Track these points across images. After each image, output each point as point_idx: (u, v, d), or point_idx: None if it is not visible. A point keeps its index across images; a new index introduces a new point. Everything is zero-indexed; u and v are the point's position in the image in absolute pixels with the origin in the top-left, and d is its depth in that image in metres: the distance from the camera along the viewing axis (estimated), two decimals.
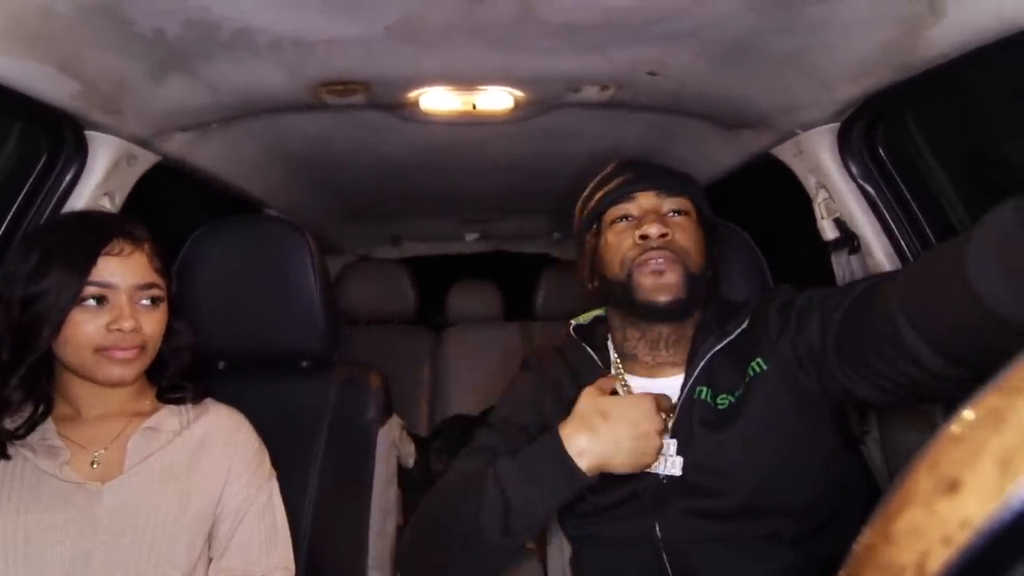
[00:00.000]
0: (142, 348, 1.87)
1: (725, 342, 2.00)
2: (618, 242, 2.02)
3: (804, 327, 1.85)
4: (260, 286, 2.43)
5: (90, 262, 1.78)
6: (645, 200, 2.02)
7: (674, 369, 2.07)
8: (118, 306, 1.81)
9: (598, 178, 2.19)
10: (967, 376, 1.42)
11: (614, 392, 1.96)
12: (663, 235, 1.94)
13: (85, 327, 1.77)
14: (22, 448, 1.79)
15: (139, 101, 2.29)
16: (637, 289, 1.97)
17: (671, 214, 2.02)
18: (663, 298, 1.95)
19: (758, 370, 1.92)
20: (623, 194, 2.05)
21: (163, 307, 1.95)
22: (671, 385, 2.01)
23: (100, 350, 1.79)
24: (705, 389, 1.97)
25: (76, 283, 1.76)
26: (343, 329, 2.63)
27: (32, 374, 1.82)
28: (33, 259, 1.78)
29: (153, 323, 1.90)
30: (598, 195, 2.11)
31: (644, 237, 1.96)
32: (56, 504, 1.74)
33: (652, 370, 2.09)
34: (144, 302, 1.88)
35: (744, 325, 2.02)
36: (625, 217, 2.04)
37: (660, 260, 1.94)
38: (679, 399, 1.97)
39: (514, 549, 1.77)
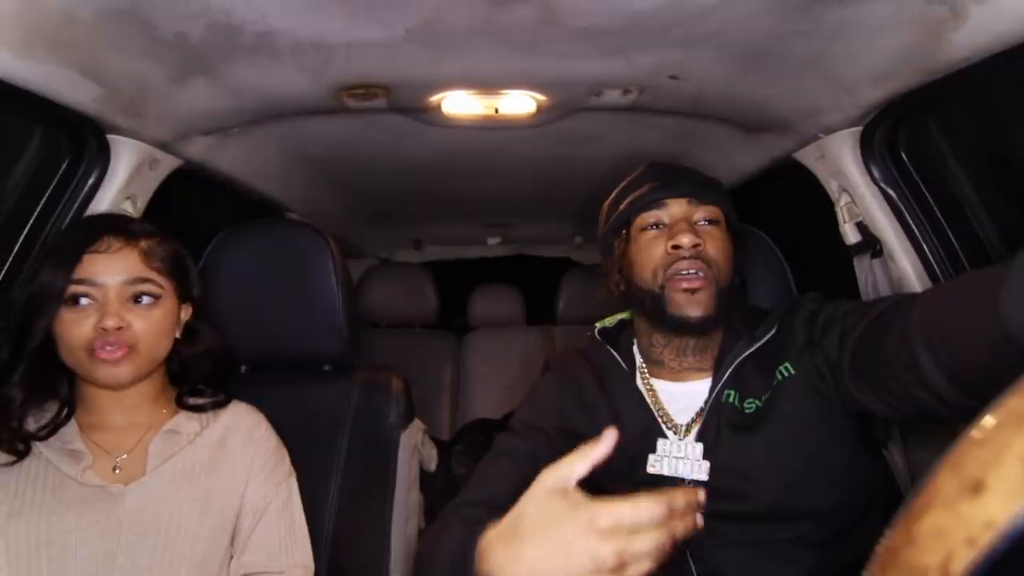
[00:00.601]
0: (132, 347, 1.83)
1: (754, 347, 1.98)
2: (649, 251, 2.00)
3: (825, 337, 1.86)
4: (282, 290, 2.44)
5: (75, 260, 1.78)
6: (676, 208, 2.00)
7: (700, 374, 2.05)
8: (104, 304, 1.80)
9: (626, 181, 2.16)
10: (978, 408, 1.39)
11: (604, 488, 1.51)
12: (696, 245, 1.92)
13: (75, 327, 1.77)
14: (45, 451, 1.79)
15: (161, 105, 2.31)
16: (669, 304, 1.96)
17: (702, 223, 2.00)
18: (695, 314, 1.93)
19: (785, 375, 1.91)
20: (654, 200, 2.02)
21: (163, 306, 1.92)
22: (698, 390, 2.02)
23: (90, 350, 1.78)
24: (733, 393, 1.95)
25: (61, 281, 1.76)
26: (365, 333, 2.64)
27: (32, 372, 1.82)
28: (37, 261, 1.81)
29: (146, 322, 1.86)
30: (628, 199, 2.07)
31: (676, 247, 1.94)
32: (79, 507, 1.75)
33: (678, 374, 2.08)
34: (136, 300, 1.86)
35: (773, 331, 2.00)
36: (656, 225, 2.02)
37: (693, 270, 1.92)
38: (706, 403, 1.97)
39: None
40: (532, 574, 1.27)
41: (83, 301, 1.78)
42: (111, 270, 1.81)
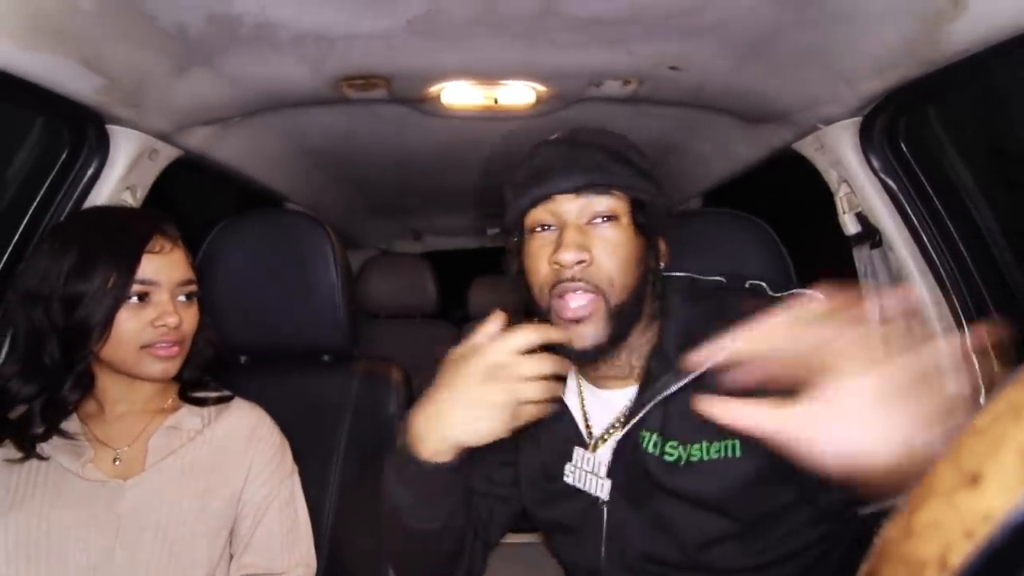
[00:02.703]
0: (181, 343, 1.89)
1: (684, 382, 1.64)
2: (536, 261, 1.73)
3: None
4: (281, 280, 2.44)
5: (136, 260, 1.80)
6: (566, 204, 1.68)
7: (621, 381, 1.81)
8: (160, 303, 1.84)
9: (522, 162, 1.81)
10: None
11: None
12: (580, 262, 1.63)
13: (129, 325, 1.80)
14: (46, 445, 1.79)
15: (161, 96, 2.31)
16: (556, 328, 1.66)
17: (598, 220, 1.68)
18: (580, 346, 1.66)
19: (727, 452, 1.63)
20: (541, 196, 1.70)
21: (196, 303, 1.97)
22: (616, 399, 1.82)
23: (145, 347, 1.82)
24: (651, 436, 1.71)
25: (124, 282, 1.78)
26: (364, 323, 2.63)
27: (85, 375, 1.85)
28: (71, 256, 1.79)
29: (190, 319, 1.93)
30: (515, 186, 1.78)
31: (559, 264, 1.65)
32: (79, 502, 1.76)
33: (598, 380, 1.85)
34: (182, 298, 1.91)
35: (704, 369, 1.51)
36: (544, 226, 1.73)
37: (577, 292, 1.65)
38: (625, 417, 1.78)
39: (440, 532, 1.67)
40: (447, 431, 1.49)
41: (140, 300, 1.82)
42: (166, 270, 1.87)
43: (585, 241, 1.65)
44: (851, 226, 2.65)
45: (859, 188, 2.54)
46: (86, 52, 1.92)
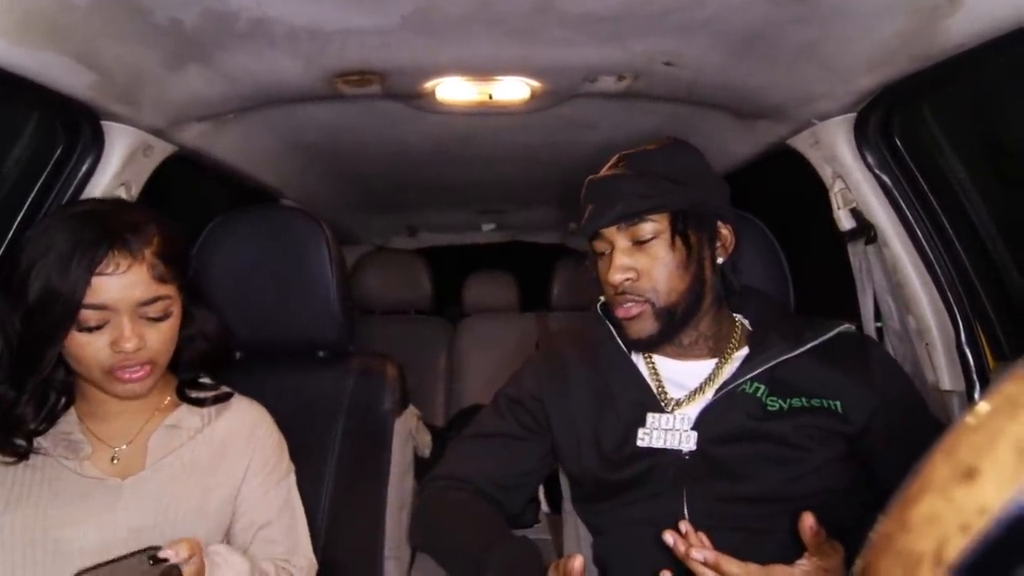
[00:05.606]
0: (151, 363, 1.79)
1: (796, 352, 1.96)
2: (601, 277, 2.05)
3: (902, 427, 1.91)
4: (277, 276, 2.44)
5: (84, 283, 1.67)
6: (611, 236, 1.98)
7: (704, 355, 2.08)
8: (118, 326, 1.72)
9: (583, 194, 2.07)
10: None
11: None
12: (627, 280, 1.95)
13: (88, 349, 1.71)
14: (43, 441, 1.78)
15: (156, 91, 2.30)
16: (618, 324, 2.07)
17: (643, 238, 1.96)
18: (635, 338, 2.01)
19: (830, 407, 1.91)
20: (591, 231, 2.01)
21: (173, 314, 1.85)
22: (699, 370, 2.06)
23: (108, 370, 1.73)
24: (762, 387, 1.95)
25: (71, 308, 1.66)
26: (359, 319, 2.64)
27: (41, 390, 1.79)
28: (26, 271, 1.69)
29: (160, 337, 1.81)
30: (581, 226, 2.06)
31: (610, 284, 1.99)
32: (77, 499, 1.74)
33: (679, 354, 2.09)
34: (148, 316, 1.78)
35: (820, 340, 1.98)
36: (601, 251, 2.05)
37: (627, 304, 1.98)
38: (708, 382, 2.02)
39: None
40: None
41: (95, 323, 1.71)
42: (122, 292, 1.71)
43: (631, 261, 1.96)
44: (846, 222, 2.65)
45: (854, 184, 2.54)
46: (80, 48, 1.91)
